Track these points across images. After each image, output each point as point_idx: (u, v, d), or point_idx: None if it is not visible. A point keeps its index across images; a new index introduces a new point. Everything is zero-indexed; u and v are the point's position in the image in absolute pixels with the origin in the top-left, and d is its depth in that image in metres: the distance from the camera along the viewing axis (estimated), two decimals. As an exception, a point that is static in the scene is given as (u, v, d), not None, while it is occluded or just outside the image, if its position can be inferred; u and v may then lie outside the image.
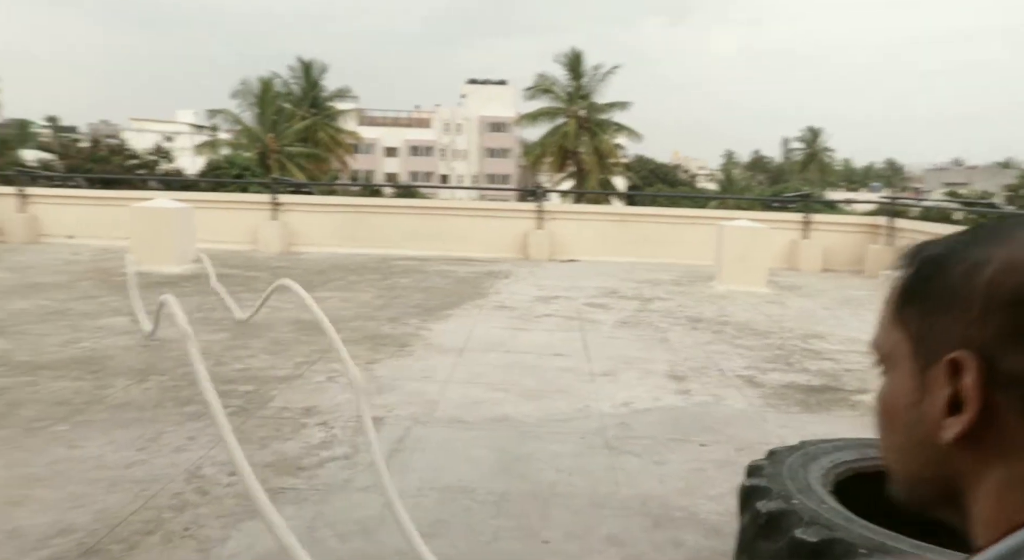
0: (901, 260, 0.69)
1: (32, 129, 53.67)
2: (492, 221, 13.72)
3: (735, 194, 47.43)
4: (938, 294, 0.64)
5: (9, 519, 3.35)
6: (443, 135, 70.18)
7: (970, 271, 0.62)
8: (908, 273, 0.68)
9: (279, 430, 4.57)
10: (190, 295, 8.63)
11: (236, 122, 42.52)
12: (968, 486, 0.63)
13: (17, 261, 10.82)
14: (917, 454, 0.65)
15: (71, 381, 5.32)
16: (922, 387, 0.64)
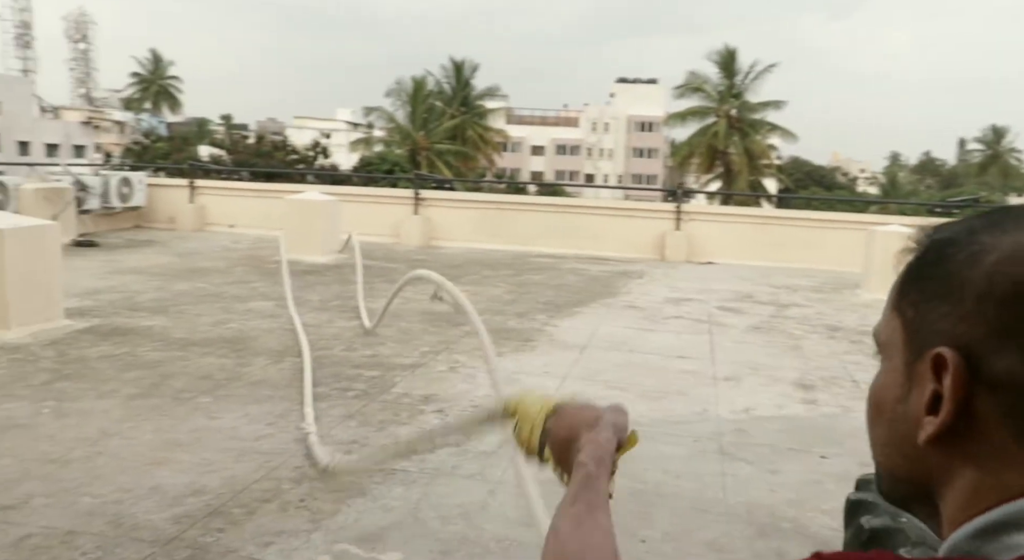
0: (911, 242, 0.65)
1: (209, 127, 57.93)
2: (630, 221, 13.63)
3: (897, 198, 44.81)
4: (937, 282, 0.60)
5: (153, 477, 3.69)
6: (590, 134, 70.15)
7: (971, 259, 0.58)
8: (913, 257, 0.64)
9: (397, 415, 4.78)
10: (330, 284, 9.11)
11: (390, 120, 44.25)
12: (940, 487, 0.61)
13: (184, 247, 11.76)
14: (897, 450, 0.63)
15: (217, 358, 5.76)
16: (910, 381, 0.61)
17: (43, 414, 4.45)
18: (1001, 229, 0.59)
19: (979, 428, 0.57)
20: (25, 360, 5.49)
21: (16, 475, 3.65)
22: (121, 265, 9.79)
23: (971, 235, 0.60)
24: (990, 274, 0.57)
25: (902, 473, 0.64)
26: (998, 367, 0.55)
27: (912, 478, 0.63)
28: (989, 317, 0.56)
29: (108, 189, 12.87)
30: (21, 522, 3.21)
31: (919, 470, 0.62)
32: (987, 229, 0.60)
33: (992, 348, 0.56)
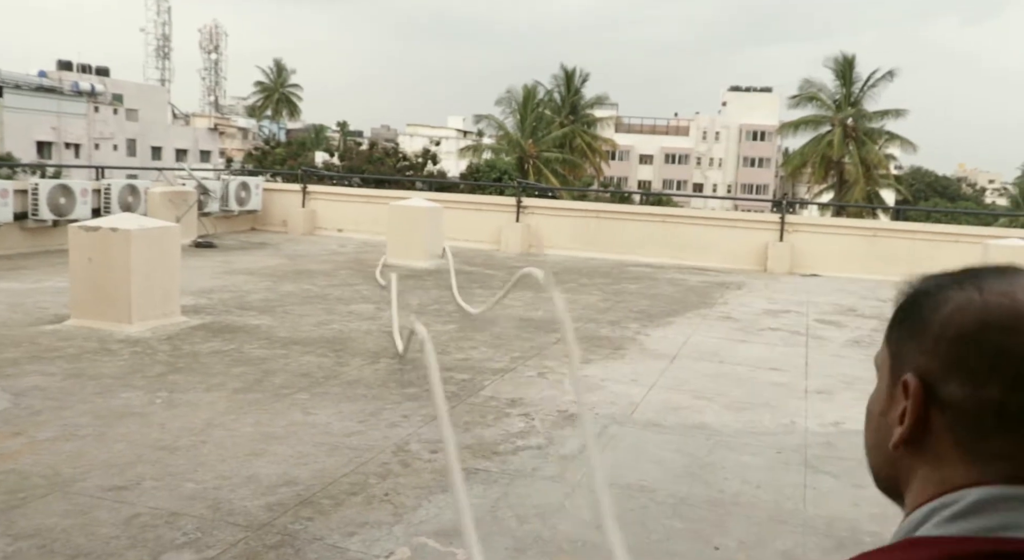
0: (903, 288, 0.80)
1: (326, 133, 60.14)
2: (732, 231, 13.40)
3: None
4: (911, 323, 0.76)
5: (250, 467, 3.93)
6: (700, 143, 69.02)
7: (935, 307, 0.74)
8: (901, 300, 0.80)
9: (483, 417, 4.90)
10: (430, 288, 9.36)
11: (499, 128, 44.83)
12: (905, 484, 0.75)
13: (294, 250, 12.31)
14: (879, 453, 0.79)
15: (316, 357, 6.04)
16: (890, 398, 0.76)
17: (156, 404, 4.80)
18: (960, 286, 0.74)
19: (931, 438, 0.73)
20: (144, 353, 5.91)
21: (130, 459, 3.96)
22: (235, 266, 10.35)
23: (939, 289, 0.75)
24: (944, 321, 0.73)
25: (883, 473, 0.79)
26: (946, 392, 0.71)
27: (889, 476, 0.78)
28: (941, 354, 0.72)
29: (228, 193, 13.61)
30: (132, 502, 3.49)
31: (893, 470, 0.77)
32: (952, 285, 0.75)
33: (943, 378, 0.72)
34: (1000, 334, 0.69)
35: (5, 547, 3.09)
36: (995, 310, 0.70)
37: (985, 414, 0.69)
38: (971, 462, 0.70)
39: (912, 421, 0.72)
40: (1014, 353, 0.68)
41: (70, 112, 49.50)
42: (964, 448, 0.70)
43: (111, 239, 6.55)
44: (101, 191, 11.76)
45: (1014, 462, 0.68)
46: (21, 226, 10.71)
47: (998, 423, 0.69)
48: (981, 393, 0.69)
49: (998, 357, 0.69)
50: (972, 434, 0.70)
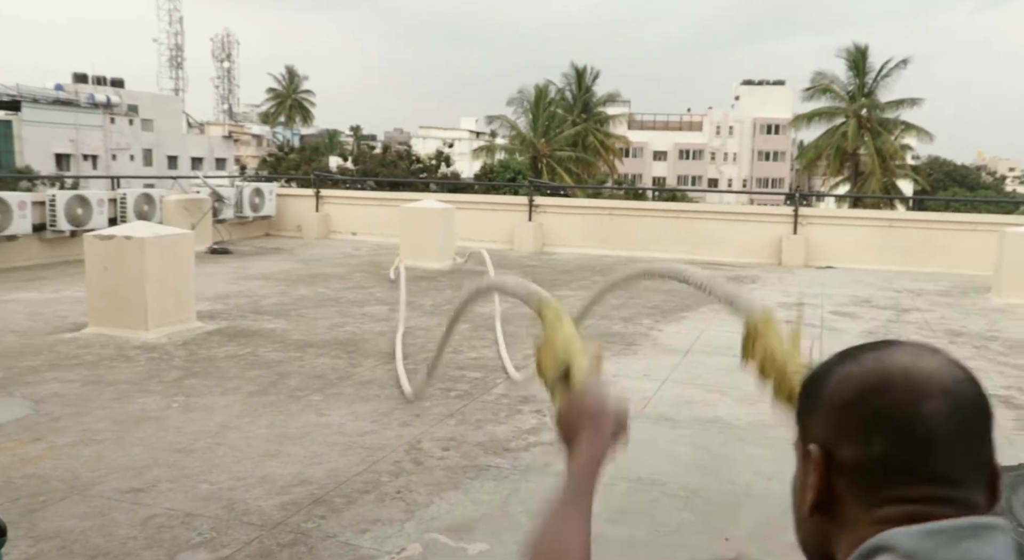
0: (806, 374, 0.88)
1: (339, 138, 60.43)
2: (745, 225, 13.36)
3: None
4: (810, 400, 0.84)
5: (264, 467, 3.98)
6: (714, 138, 68.74)
7: (822, 382, 0.83)
8: (803, 384, 0.87)
9: (496, 414, 4.93)
10: (443, 289, 9.39)
11: (511, 128, 44.85)
12: (832, 548, 0.80)
13: (308, 254, 12.40)
14: (803, 526, 0.85)
15: (330, 359, 6.09)
16: (804, 473, 0.83)
17: (172, 408, 4.86)
18: (842, 362, 0.83)
19: (839, 501, 0.79)
20: (160, 358, 5.98)
21: (146, 462, 4.02)
22: (250, 271, 10.44)
23: (830, 366, 0.83)
24: (830, 393, 0.81)
25: (809, 543, 0.85)
26: (840, 457, 0.79)
27: (816, 544, 0.83)
28: (832, 422, 0.80)
29: (241, 199, 13.72)
30: (149, 503, 3.55)
31: (818, 539, 0.83)
32: (840, 361, 0.83)
33: (837, 443, 0.79)
34: (874, 396, 0.78)
35: (27, 548, 3.15)
36: (868, 377, 0.79)
37: (875, 470, 0.77)
38: (873, 512, 0.77)
39: (817, 485, 0.80)
40: (887, 412, 0.77)
41: (87, 124, 50.00)
42: (865, 505, 0.78)
43: (126, 247, 6.64)
44: (117, 201, 11.90)
45: (908, 504, 0.76)
46: (40, 237, 10.86)
47: (886, 476, 0.77)
48: (867, 451, 0.77)
49: (875, 418, 0.77)
50: (868, 490, 0.78)
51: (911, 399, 0.77)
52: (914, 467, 0.76)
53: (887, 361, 0.80)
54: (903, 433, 0.76)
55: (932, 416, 0.76)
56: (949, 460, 0.76)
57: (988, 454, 0.79)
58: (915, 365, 0.79)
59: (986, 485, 0.79)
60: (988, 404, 0.80)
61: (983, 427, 0.79)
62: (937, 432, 0.76)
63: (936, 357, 0.81)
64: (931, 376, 0.78)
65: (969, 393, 0.79)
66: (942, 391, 0.77)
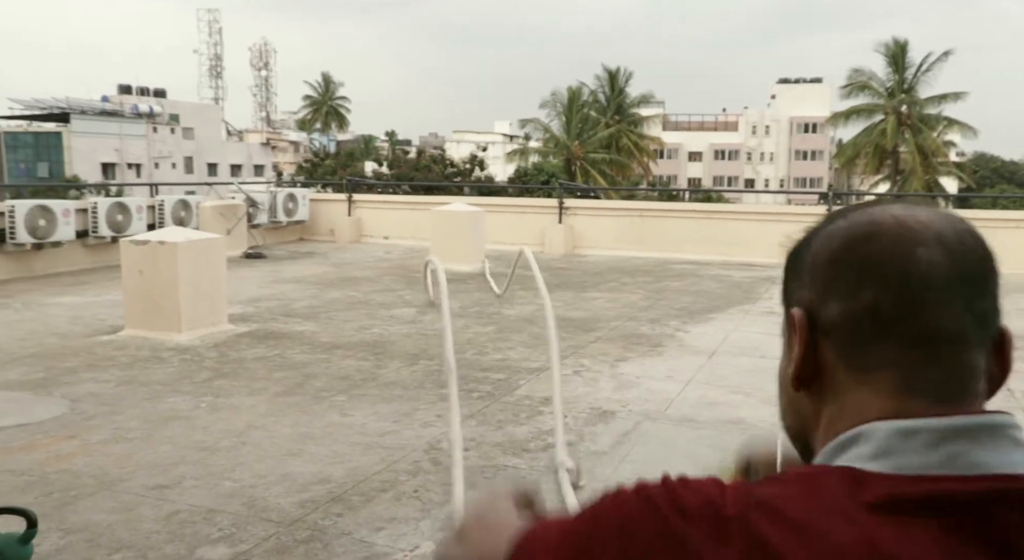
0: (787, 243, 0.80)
1: (375, 143, 60.92)
2: (779, 225, 13.19)
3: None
4: (792, 265, 0.77)
5: (285, 466, 4.06)
6: (750, 138, 68.06)
7: (806, 246, 0.76)
8: (786, 253, 0.79)
9: (516, 415, 4.96)
10: (472, 291, 9.45)
11: (545, 131, 44.87)
12: (813, 432, 0.73)
13: (340, 258, 12.55)
14: (787, 407, 0.78)
15: (356, 360, 6.18)
16: (789, 347, 0.75)
17: (201, 408, 4.97)
18: (826, 222, 0.76)
19: (826, 371, 0.72)
20: (192, 360, 6.12)
21: (173, 460, 4.13)
22: (282, 275, 10.61)
23: (812, 229, 0.77)
24: (814, 252, 0.74)
25: (794, 431, 0.78)
26: (826, 316, 0.71)
27: (799, 432, 0.76)
28: (816, 281, 0.73)
29: (276, 205, 13.94)
30: (173, 499, 3.65)
31: (801, 422, 0.75)
32: (822, 224, 0.76)
33: (823, 302, 0.72)
34: (862, 244, 0.71)
35: (58, 540, 3.27)
36: (856, 228, 0.72)
37: (863, 323, 0.69)
38: (863, 381, 0.69)
39: (802, 350, 0.72)
40: (876, 258, 0.70)
41: (131, 134, 51.15)
42: (853, 367, 0.70)
43: (159, 252, 6.80)
44: (155, 207, 12.17)
45: (899, 368, 0.68)
46: (83, 243, 11.15)
47: (876, 329, 0.69)
48: (855, 303, 0.69)
49: (864, 265, 0.70)
50: (856, 348, 0.70)
51: (903, 244, 0.70)
52: (904, 318, 0.68)
53: (877, 213, 0.73)
54: (895, 278, 0.69)
55: (927, 261, 0.69)
56: (947, 310, 0.68)
57: (992, 310, 0.71)
58: (909, 214, 0.72)
59: (993, 349, 0.71)
60: (992, 257, 0.73)
61: (985, 279, 0.71)
62: (933, 277, 0.68)
63: (935, 210, 0.74)
64: (926, 224, 0.71)
65: (970, 243, 0.71)
66: (937, 238, 0.70)
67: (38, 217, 10.31)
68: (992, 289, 0.71)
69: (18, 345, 6.60)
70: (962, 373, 0.68)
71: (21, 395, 5.29)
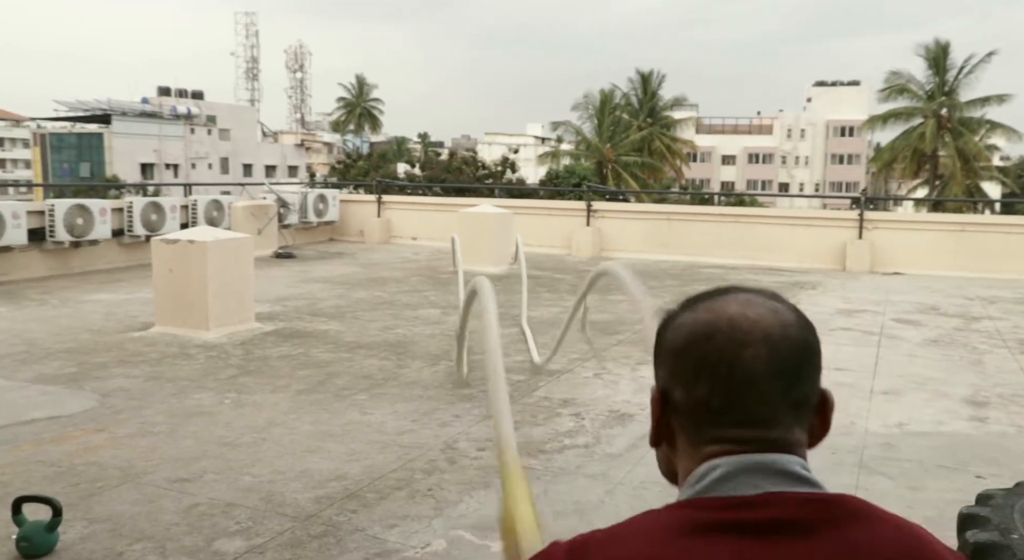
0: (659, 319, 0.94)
1: (408, 145, 61.41)
2: (808, 230, 13.11)
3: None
4: (656, 345, 0.91)
5: (303, 463, 4.14)
6: (784, 141, 67.35)
7: (665, 329, 0.89)
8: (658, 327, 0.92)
9: (534, 416, 5.00)
10: (497, 293, 9.47)
11: (577, 133, 44.83)
12: (676, 476, 0.90)
13: (368, 258, 12.68)
14: (658, 457, 0.94)
15: (379, 360, 6.25)
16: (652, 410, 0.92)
17: (224, 404, 5.08)
18: (683, 309, 0.89)
19: (675, 437, 0.88)
20: (218, 357, 6.24)
21: (195, 454, 4.22)
22: (311, 275, 10.75)
23: (672, 316, 0.90)
24: (668, 339, 0.88)
25: (665, 474, 0.94)
26: (674, 398, 0.86)
27: (669, 475, 0.93)
28: (667, 367, 0.87)
29: (306, 205, 14.11)
30: (193, 493, 3.74)
31: (665, 466, 0.93)
32: (682, 310, 0.89)
33: (671, 386, 0.87)
34: (700, 343, 0.84)
35: (82, 529, 3.37)
36: (698, 324, 0.85)
37: (699, 411, 0.84)
38: (697, 450, 0.85)
39: (654, 423, 0.89)
40: (710, 358, 0.83)
41: (169, 135, 52.04)
42: (692, 441, 0.85)
43: (189, 251, 6.94)
44: (189, 207, 12.38)
45: (721, 444, 0.83)
46: (119, 242, 11.39)
47: (708, 416, 0.83)
48: (693, 395, 0.84)
49: (701, 362, 0.83)
50: (694, 429, 0.85)
51: (732, 346, 0.82)
52: (731, 409, 0.82)
53: (717, 310, 0.85)
54: (722, 378, 0.82)
55: (750, 361, 0.81)
56: (764, 402, 0.82)
57: (810, 392, 0.85)
58: (742, 313, 0.84)
59: (816, 414, 0.86)
60: (811, 345, 0.86)
61: (803, 367, 0.84)
62: (753, 376, 0.81)
63: (767, 304, 0.86)
64: (755, 323, 0.83)
65: (792, 335, 0.84)
66: (764, 337, 0.82)
67: (76, 216, 10.55)
68: (809, 375, 0.85)
69: (54, 340, 6.78)
70: (771, 446, 0.83)
71: (55, 388, 5.44)
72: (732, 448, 0.83)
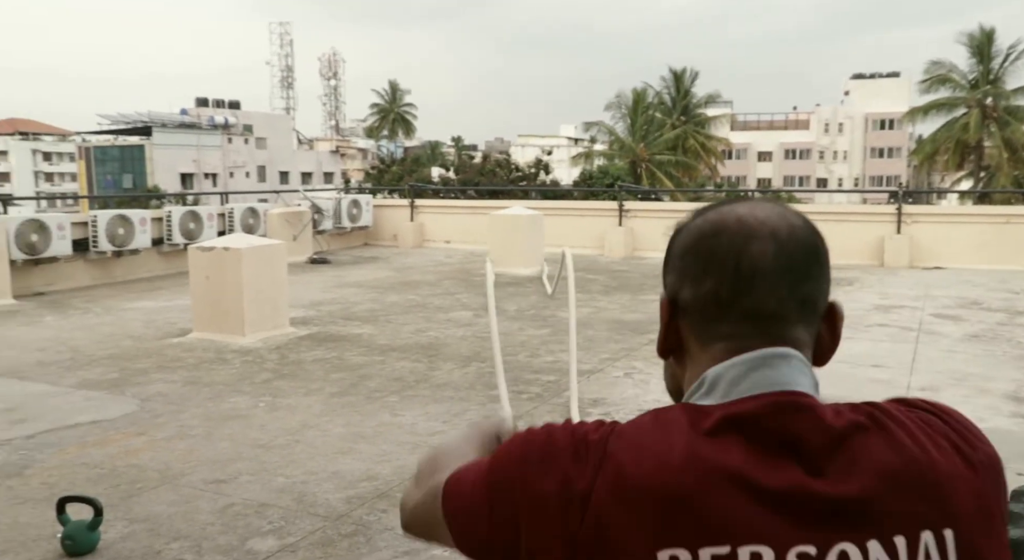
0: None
1: (441, 149, 61.70)
2: (844, 225, 12.93)
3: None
4: (665, 257, 0.91)
5: (336, 464, 4.21)
6: (822, 136, 66.44)
7: (673, 239, 0.90)
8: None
9: (563, 416, 5.01)
10: (528, 295, 9.53)
11: (610, 133, 44.71)
12: (683, 389, 0.88)
13: (402, 262, 12.79)
14: (664, 372, 0.94)
15: (410, 362, 6.32)
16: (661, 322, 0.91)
17: (259, 407, 5.18)
18: (690, 217, 0.89)
19: (684, 343, 0.88)
20: (253, 362, 6.36)
21: (231, 456, 4.32)
22: (345, 279, 10.88)
23: (681, 224, 0.90)
24: (676, 244, 0.88)
25: (671, 390, 0.93)
26: (682, 299, 0.86)
27: (674, 391, 0.92)
28: (675, 269, 0.88)
29: (340, 211, 14.28)
30: (228, 493, 3.82)
31: (674, 383, 0.92)
32: (688, 218, 0.89)
33: (679, 288, 0.87)
34: (708, 240, 0.84)
35: (122, 529, 3.47)
36: (706, 224, 0.86)
37: (708, 306, 0.84)
38: (706, 350, 0.84)
39: (662, 329, 0.88)
40: (718, 251, 0.83)
41: (208, 144, 52.98)
42: (701, 341, 0.85)
43: (224, 258, 7.08)
44: (225, 215, 12.60)
45: (730, 340, 0.82)
46: (158, 250, 11.64)
47: (717, 310, 0.83)
48: (701, 289, 0.84)
49: (708, 257, 0.84)
50: (703, 326, 0.84)
51: (739, 240, 0.82)
52: (737, 301, 0.82)
53: (726, 211, 0.86)
54: (729, 270, 0.82)
55: (757, 255, 0.82)
56: (771, 295, 0.82)
57: (816, 291, 0.84)
58: (751, 213, 0.84)
59: (824, 323, 0.85)
60: (820, 247, 0.85)
61: (810, 266, 0.84)
62: (760, 268, 0.81)
63: (776, 208, 0.86)
64: (763, 221, 0.83)
65: (800, 236, 0.84)
66: (771, 233, 0.82)
67: (117, 226, 10.80)
68: (816, 274, 0.84)
69: (97, 347, 6.96)
70: (779, 342, 0.82)
71: (98, 394, 5.59)
72: (740, 345, 0.82)
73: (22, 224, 9.72)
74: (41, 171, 70.73)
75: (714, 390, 0.82)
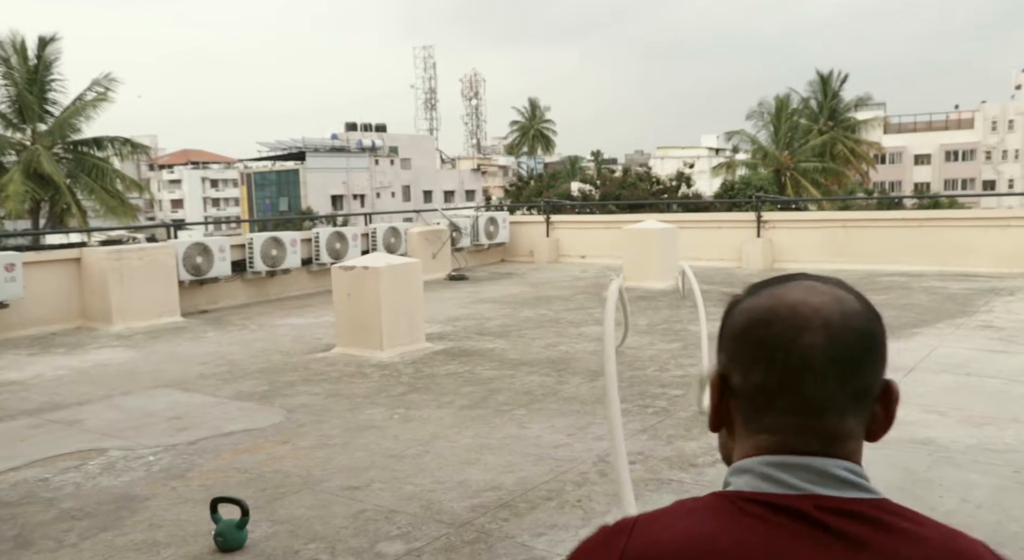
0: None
1: (581, 163, 61.99)
2: (1006, 231, 12.06)
3: None
4: (720, 329, 0.93)
5: (462, 473, 4.38)
6: (989, 135, 61.87)
7: (729, 313, 0.92)
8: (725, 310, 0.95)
9: (688, 431, 4.99)
10: (661, 309, 9.47)
11: (752, 142, 43.50)
12: (732, 458, 0.92)
13: (537, 278, 12.99)
14: (719, 442, 0.97)
15: (540, 376, 6.45)
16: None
17: (393, 419, 5.44)
18: (749, 294, 0.92)
19: (732, 419, 0.90)
20: (390, 375, 6.67)
21: (365, 465, 4.57)
22: (481, 295, 11.17)
23: (736, 301, 0.93)
24: (730, 324, 0.90)
25: (724, 457, 0.96)
26: (733, 382, 0.88)
27: (726, 457, 0.94)
28: (727, 351, 0.89)
29: (477, 228, 14.67)
30: (362, 500, 4.06)
31: (725, 451, 0.94)
32: (747, 295, 0.92)
33: (730, 370, 0.89)
34: (759, 328, 0.85)
35: (267, 529, 3.76)
36: (758, 310, 0.87)
37: (756, 396, 0.85)
38: (752, 437, 0.87)
39: (713, 407, 0.91)
40: (768, 343, 0.84)
41: (356, 167, 55.60)
42: (748, 427, 0.87)
43: (364, 276, 7.47)
44: (369, 235, 13.24)
45: (777, 435, 0.85)
46: (307, 270, 12.37)
47: (764, 401, 0.85)
48: (750, 379, 0.86)
49: (758, 346, 0.85)
50: (750, 414, 0.86)
51: (790, 332, 0.83)
52: (784, 394, 0.83)
53: (780, 295, 0.87)
54: (778, 364, 0.83)
55: (808, 348, 0.82)
56: (819, 389, 0.82)
57: (870, 381, 0.85)
58: (804, 300, 0.85)
59: (880, 403, 0.86)
60: (876, 334, 0.85)
61: (863, 356, 0.84)
62: (809, 363, 0.82)
63: (832, 291, 0.86)
64: (817, 310, 0.83)
65: (855, 325, 0.84)
66: (823, 324, 0.82)
67: (271, 248, 11.58)
68: (870, 365, 0.85)
69: (250, 361, 7.50)
70: (822, 434, 0.84)
71: (249, 404, 6.04)
72: (783, 440, 0.84)
73: (188, 247, 10.60)
74: (209, 197, 76.31)
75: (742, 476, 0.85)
